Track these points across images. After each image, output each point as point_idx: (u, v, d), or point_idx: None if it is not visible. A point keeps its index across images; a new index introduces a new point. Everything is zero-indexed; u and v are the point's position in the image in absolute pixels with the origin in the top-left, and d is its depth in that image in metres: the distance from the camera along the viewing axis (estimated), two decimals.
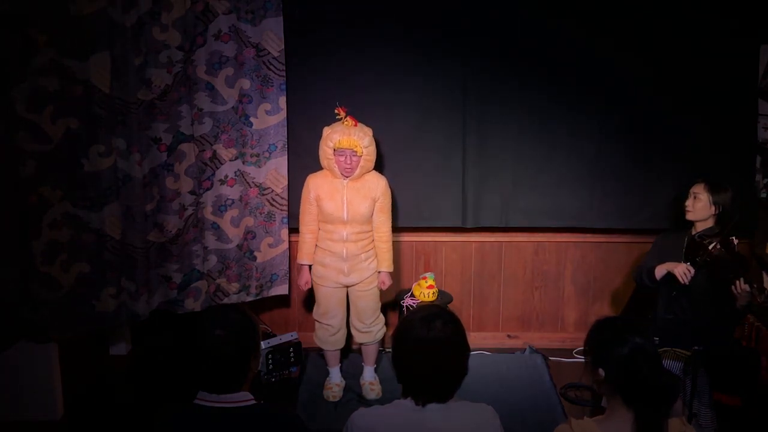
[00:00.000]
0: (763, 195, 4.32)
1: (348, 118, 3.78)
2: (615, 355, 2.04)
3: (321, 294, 3.96)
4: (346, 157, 3.73)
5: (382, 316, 4.08)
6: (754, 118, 4.33)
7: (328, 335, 3.99)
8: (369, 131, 3.80)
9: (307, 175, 3.97)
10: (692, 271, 3.52)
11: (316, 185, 3.85)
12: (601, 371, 2.07)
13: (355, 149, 3.71)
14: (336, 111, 3.79)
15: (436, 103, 4.35)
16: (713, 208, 3.66)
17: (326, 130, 3.79)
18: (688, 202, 3.73)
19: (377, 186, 3.86)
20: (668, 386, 2.04)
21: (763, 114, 4.32)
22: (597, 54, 4.26)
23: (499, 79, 4.30)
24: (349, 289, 3.97)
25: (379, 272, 3.97)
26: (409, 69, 4.30)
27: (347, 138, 3.70)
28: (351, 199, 3.79)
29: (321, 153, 3.81)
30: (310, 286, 4.01)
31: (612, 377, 2.05)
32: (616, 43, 4.24)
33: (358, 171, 3.77)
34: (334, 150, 3.73)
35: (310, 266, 3.97)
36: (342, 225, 3.83)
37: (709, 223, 3.69)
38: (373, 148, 3.80)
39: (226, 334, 2.11)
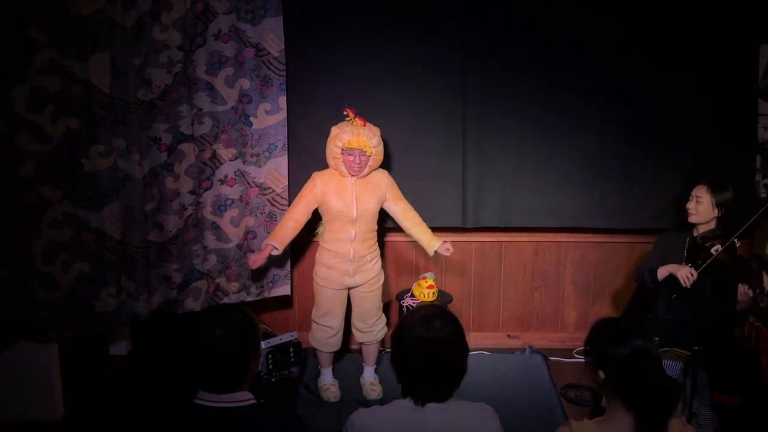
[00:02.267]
0: (763, 195, 4.31)
1: (357, 118, 3.79)
2: (616, 357, 2.03)
3: (323, 296, 3.95)
4: (355, 157, 3.74)
5: (383, 316, 4.09)
6: (754, 118, 4.33)
7: (326, 337, 3.99)
8: (377, 131, 3.81)
9: (307, 174, 3.97)
10: (695, 274, 3.52)
11: (324, 182, 3.86)
12: (602, 372, 2.06)
13: (364, 149, 3.73)
14: (345, 112, 3.80)
15: (436, 103, 4.34)
16: (716, 210, 3.66)
17: (334, 130, 3.79)
18: (690, 205, 3.72)
19: (381, 180, 3.90)
20: (669, 389, 2.03)
21: (763, 114, 4.32)
22: (597, 54, 4.26)
23: (500, 78, 4.30)
24: (351, 290, 3.97)
25: (438, 249, 4.01)
26: (409, 69, 4.30)
27: (356, 138, 3.71)
28: (359, 195, 3.81)
29: (328, 152, 3.81)
30: (257, 266, 4.01)
31: (612, 379, 2.04)
32: (617, 43, 4.24)
33: (366, 170, 3.80)
34: (342, 150, 3.74)
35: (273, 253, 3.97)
36: (350, 224, 3.83)
37: (711, 225, 3.69)
38: (381, 148, 3.82)
39: (226, 334, 2.11)
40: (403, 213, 3.98)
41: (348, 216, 3.81)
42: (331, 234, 3.89)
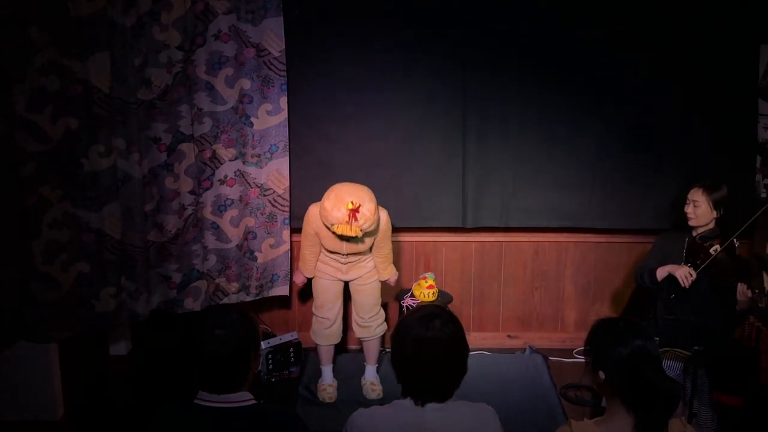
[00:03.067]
0: (763, 195, 4.31)
1: (352, 213, 3.59)
2: (615, 357, 2.02)
3: (319, 285, 4.00)
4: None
5: (382, 312, 4.10)
6: (754, 118, 4.33)
7: (323, 328, 4.00)
8: (370, 216, 3.64)
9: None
10: (694, 274, 3.52)
11: (318, 225, 3.81)
12: (602, 373, 2.06)
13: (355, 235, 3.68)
14: (349, 204, 3.59)
15: (436, 103, 4.34)
16: (714, 212, 3.67)
17: (327, 204, 3.63)
18: (689, 209, 3.73)
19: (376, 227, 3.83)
20: (669, 389, 2.03)
21: (763, 114, 4.32)
22: (597, 54, 4.26)
23: (500, 78, 4.30)
24: (350, 282, 4.01)
25: (387, 277, 4.06)
26: (410, 68, 4.30)
27: (346, 232, 3.63)
28: (351, 246, 3.85)
29: (320, 215, 3.72)
30: (303, 286, 4.22)
31: (612, 379, 2.04)
32: (617, 43, 4.24)
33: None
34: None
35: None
36: (341, 255, 3.92)
37: (711, 225, 3.70)
38: (376, 225, 3.74)
39: (226, 334, 2.10)
40: (377, 249, 3.96)
41: (338, 252, 3.89)
42: (325, 247, 3.93)
